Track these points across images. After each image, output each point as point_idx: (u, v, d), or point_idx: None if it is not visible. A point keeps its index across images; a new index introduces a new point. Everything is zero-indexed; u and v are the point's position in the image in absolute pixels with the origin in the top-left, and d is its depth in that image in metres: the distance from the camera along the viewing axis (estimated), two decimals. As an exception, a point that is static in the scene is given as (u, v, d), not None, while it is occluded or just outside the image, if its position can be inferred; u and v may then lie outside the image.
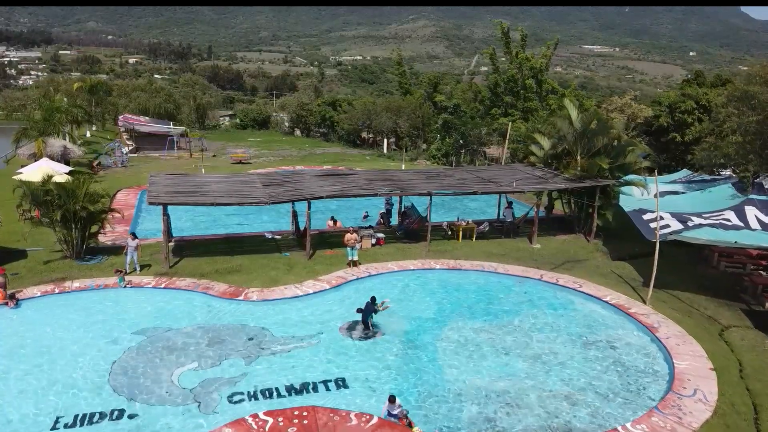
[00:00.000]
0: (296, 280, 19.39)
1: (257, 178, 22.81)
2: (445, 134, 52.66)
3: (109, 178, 38.19)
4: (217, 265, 20.67)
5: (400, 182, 23.36)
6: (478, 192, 22.67)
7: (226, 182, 22.15)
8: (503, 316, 17.51)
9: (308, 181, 22.70)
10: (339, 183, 22.55)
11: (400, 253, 22.62)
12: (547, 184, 23.89)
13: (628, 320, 17.25)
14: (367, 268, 20.57)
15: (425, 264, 21.23)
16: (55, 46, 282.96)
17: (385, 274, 20.26)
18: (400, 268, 20.78)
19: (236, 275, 19.79)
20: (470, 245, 23.98)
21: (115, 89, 75.87)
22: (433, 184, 23.22)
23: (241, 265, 20.66)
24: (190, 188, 20.97)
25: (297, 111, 71.06)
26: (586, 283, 19.90)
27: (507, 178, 24.69)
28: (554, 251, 23.77)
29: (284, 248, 22.87)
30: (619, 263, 22.72)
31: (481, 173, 25.57)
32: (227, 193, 20.81)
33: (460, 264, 21.35)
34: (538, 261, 22.41)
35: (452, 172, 25.42)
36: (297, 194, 20.98)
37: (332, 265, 20.96)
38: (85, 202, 19.68)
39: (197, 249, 22.50)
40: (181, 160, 48.13)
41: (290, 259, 21.52)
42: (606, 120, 25.26)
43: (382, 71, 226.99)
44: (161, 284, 18.62)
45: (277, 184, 21.99)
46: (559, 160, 25.82)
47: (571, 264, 22.25)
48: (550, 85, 54.80)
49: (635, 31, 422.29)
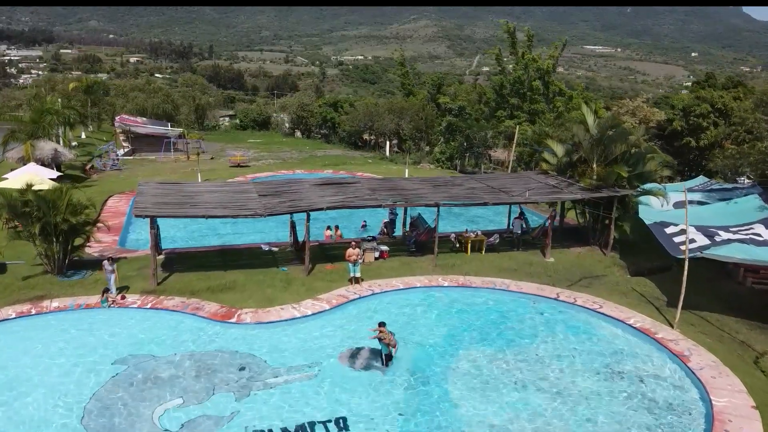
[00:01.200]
0: (294, 299, 17.97)
1: (253, 187, 21.36)
2: (449, 137, 51.25)
3: (101, 182, 36.75)
4: (209, 281, 19.25)
5: (405, 192, 21.93)
6: (489, 203, 21.22)
7: (220, 192, 20.71)
8: (518, 342, 16.08)
9: (307, 190, 21.27)
10: (340, 193, 21.13)
11: (406, 268, 21.19)
12: (562, 194, 22.44)
13: (655, 347, 15.81)
14: (370, 286, 19.14)
15: (433, 281, 19.80)
16: (56, 45, 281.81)
17: (389, 293, 18.83)
18: (406, 285, 19.34)
19: (229, 293, 18.38)
20: (480, 259, 22.55)
21: (112, 89, 74.48)
22: (440, 193, 21.79)
23: (235, 282, 19.24)
24: (180, 199, 19.55)
25: (297, 112, 69.51)
26: (606, 303, 18.45)
27: (519, 187, 23.26)
28: (569, 265, 22.34)
29: (282, 262, 21.46)
30: (639, 279, 21.28)
31: (491, 182, 24.12)
32: (220, 204, 19.39)
33: (469, 281, 19.92)
34: (552, 277, 20.97)
35: (460, 181, 23.95)
36: (295, 205, 19.56)
37: (332, 282, 19.54)
38: (66, 214, 18.25)
39: (189, 263, 21.09)
40: (178, 162, 46.66)
41: (288, 275, 20.10)
42: (624, 125, 23.77)
43: (383, 71, 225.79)
44: (147, 304, 17.20)
45: (274, 194, 20.56)
46: (573, 168, 24.38)
47: (588, 280, 20.81)
48: (557, 87, 53.32)
49: (637, 31, 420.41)
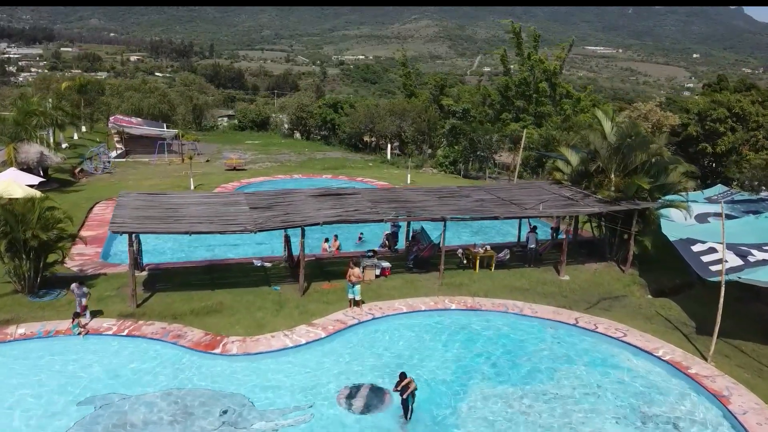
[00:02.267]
0: (286, 325, 16.30)
1: (244, 198, 19.67)
2: (453, 140, 49.60)
3: (89, 187, 35.09)
4: (194, 302, 17.57)
5: (408, 204, 20.25)
6: (499, 217, 19.54)
7: (207, 204, 19.03)
8: (536, 378, 14.41)
9: (302, 202, 19.59)
10: (338, 205, 19.45)
11: (409, 287, 19.51)
12: (579, 208, 20.75)
13: (689, 385, 14.15)
14: (370, 309, 17.46)
15: (439, 303, 18.11)
16: (57, 43, 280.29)
17: (391, 317, 17.14)
18: (410, 308, 17.66)
19: (216, 317, 16.71)
20: (489, 276, 20.87)
21: (107, 88, 72.70)
22: (447, 206, 20.11)
23: (223, 304, 17.57)
24: (163, 212, 17.88)
25: (297, 113, 67.76)
26: (630, 330, 16.78)
27: (531, 198, 21.59)
28: (586, 284, 20.67)
29: (274, 279, 19.79)
30: (662, 301, 19.59)
31: (501, 192, 22.44)
32: (207, 218, 17.73)
33: (479, 303, 18.24)
34: (568, 298, 19.30)
35: (468, 192, 22.27)
36: (289, 220, 17.88)
37: (329, 304, 17.86)
38: (37, 229, 16.57)
39: (173, 280, 19.41)
40: (172, 165, 45.00)
41: (280, 295, 18.42)
42: (643, 131, 22.09)
43: (384, 71, 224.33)
44: (124, 330, 15.53)
45: (266, 206, 18.88)
46: (589, 178, 22.71)
47: (607, 302, 19.13)
48: (564, 89, 51.65)
49: (638, 32, 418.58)
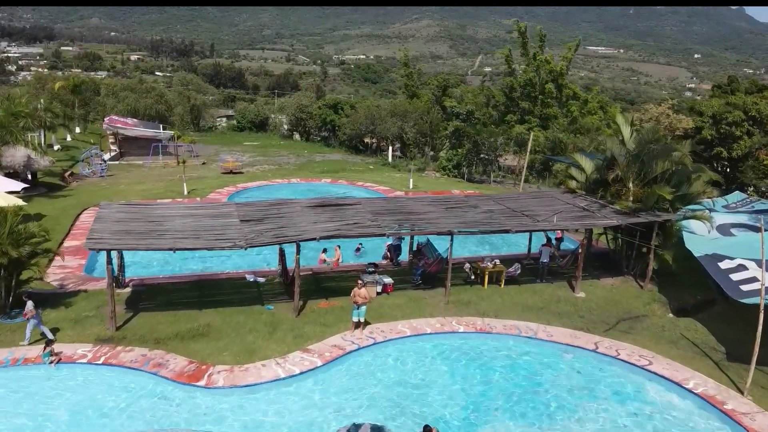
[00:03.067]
0: (279, 351, 14.87)
1: (235, 210, 18.22)
2: (456, 142, 48.16)
3: (79, 191, 33.65)
4: (179, 324, 16.16)
5: (412, 216, 18.81)
6: (511, 230, 18.08)
7: (194, 216, 17.60)
8: (554, 413, 12.97)
9: (298, 214, 18.15)
10: (336, 218, 18.02)
11: (413, 306, 18.08)
12: (596, 220, 19.28)
13: (726, 424, 12.69)
14: (371, 332, 16.01)
15: (446, 325, 16.66)
16: (57, 42, 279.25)
17: (394, 341, 15.70)
18: (414, 331, 16.20)
19: (202, 341, 15.28)
20: (499, 293, 19.43)
21: (103, 88, 71.28)
22: (454, 219, 18.66)
23: (210, 326, 16.14)
24: (145, 226, 16.44)
25: (296, 113, 66.33)
26: (655, 357, 15.32)
27: (543, 209, 20.14)
28: (602, 302, 19.23)
29: (268, 297, 18.38)
30: (686, 321, 18.14)
31: (511, 202, 20.99)
32: (193, 232, 16.29)
33: (489, 325, 16.78)
34: (585, 318, 17.86)
35: (475, 201, 20.82)
36: (282, 234, 16.44)
37: (326, 326, 16.43)
38: (6, 246, 15.16)
39: (158, 298, 18.00)
40: (167, 168, 43.58)
41: (273, 315, 16.99)
42: (664, 137, 20.63)
43: (385, 71, 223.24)
44: (100, 358, 14.10)
45: (258, 219, 17.43)
46: (605, 187, 21.26)
47: (628, 323, 17.68)
48: (571, 90, 50.19)
49: (639, 32, 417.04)
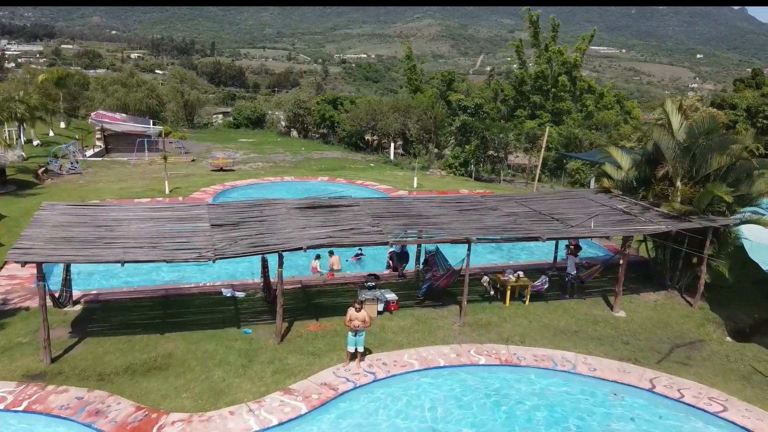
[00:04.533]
0: (254, 392, 11.72)
1: (206, 212, 15.07)
2: (462, 138, 45.01)
3: (51, 190, 30.59)
4: (133, 353, 13.04)
5: (421, 219, 15.66)
6: (541, 238, 14.90)
7: (156, 219, 14.44)
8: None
9: (283, 217, 14.99)
10: (330, 222, 14.87)
11: (421, 329, 14.93)
12: (642, 225, 16.08)
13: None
14: (370, 365, 12.86)
15: (462, 354, 13.50)
16: (58, 40, 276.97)
17: (400, 378, 12.52)
18: (424, 364, 13.02)
19: (159, 377, 12.15)
20: (524, 312, 16.27)
21: (93, 82, 68.21)
22: (471, 223, 15.50)
23: (172, 356, 13.02)
24: (91, 232, 13.30)
25: (294, 109, 63.14)
26: (729, 399, 12.13)
27: (575, 212, 16.98)
28: (648, 323, 16.07)
29: (246, 317, 15.24)
30: (752, 349, 14.93)
31: (535, 203, 17.82)
32: (151, 240, 13.15)
33: (516, 355, 13.61)
34: (631, 345, 14.70)
35: (494, 203, 17.63)
36: (260, 243, 13.30)
37: (315, 356, 13.29)
38: None
39: (114, 318, 14.87)
40: (153, 165, 40.56)
41: (251, 342, 13.86)
42: (720, 126, 17.49)
43: (386, 70, 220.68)
44: (22, 402, 10.94)
45: (234, 223, 14.29)
46: (646, 186, 18.10)
47: (683, 351, 14.52)
48: (586, 83, 47.05)
49: (641, 32, 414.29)
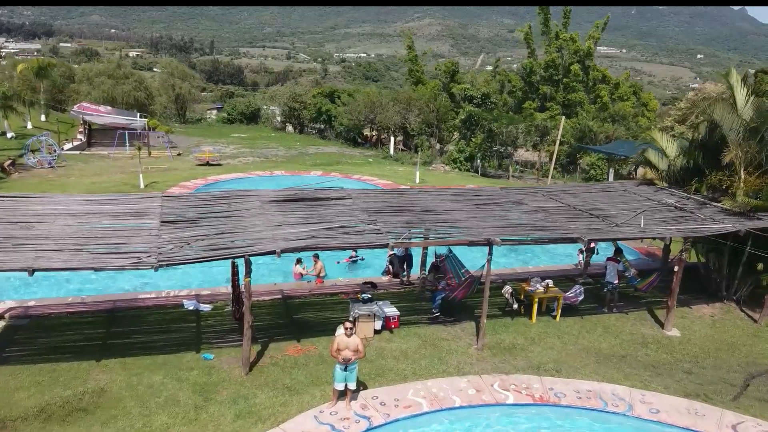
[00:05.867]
0: (205, 445, 8.69)
1: (159, 205, 11.96)
2: (467, 132, 42.03)
3: (17, 184, 27.67)
4: (54, 389, 9.97)
5: (428, 215, 12.58)
6: (582, 239, 11.81)
7: (92, 213, 11.34)
8: None
9: (255, 213, 11.89)
10: (313, 218, 11.78)
11: (429, 353, 11.85)
12: (701, 224, 12.99)
13: None
14: (364, 405, 9.78)
15: (483, 390, 10.41)
16: (56, 38, 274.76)
17: (403, 423, 9.44)
18: (435, 405, 9.93)
19: (80, 425, 9.06)
20: (555, 331, 13.19)
21: (78, 73, 65.07)
22: (491, 221, 12.42)
23: (105, 392, 9.95)
24: (4, 230, 10.21)
25: (289, 103, 60.02)
26: None
27: (616, 206, 13.91)
28: (710, 346, 12.99)
29: (209, 338, 12.16)
30: None
31: (566, 197, 14.72)
32: (78, 241, 10.08)
33: (553, 391, 10.52)
34: (694, 375, 11.62)
35: (518, 197, 14.51)
36: (222, 245, 10.21)
37: (293, 392, 10.20)
38: None
39: (43, 338, 11.77)
40: (134, 159, 37.66)
41: (211, 372, 10.78)
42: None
43: (386, 69, 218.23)
44: None
45: (190, 220, 11.21)
46: (699, 177, 15.03)
47: (763, 382, 11.43)
48: (600, 73, 44.03)
49: (642, 33, 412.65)
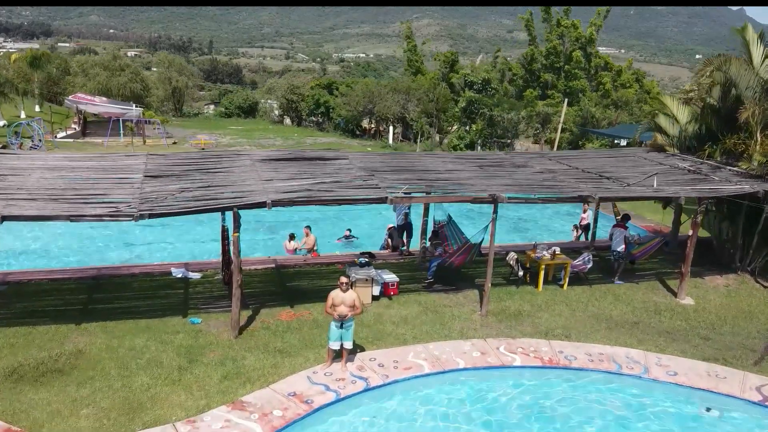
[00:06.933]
0: (188, 407, 7.98)
1: (144, 162, 11.30)
2: (467, 120, 41.39)
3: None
4: (29, 351, 9.28)
5: (430, 174, 11.92)
6: (592, 197, 11.12)
7: (72, 168, 10.66)
8: None
9: (246, 170, 11.23)
10: (307, 175, 11.11)
11: (430, 318, 11.19)
12: (719, 185, 12.31)
13: None
14: (361, 367, 9.12)
15: (488, 352, 9.74)
16: (55, 38, 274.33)
17: (402, 385, 8.78)
18: (437, 366, 9.26)
19: (54, 385, 8.39)
20: (563, 298, 12.52)
21: (74, 65, 64.41)
22: (496, 179, 11.76)
23: (83, 354, 9.28)
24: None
25: (287, 95, 59.42)
26: None
27: (628, 171, 13.26)
28: (726, 314, 12.33)
29: (198, 304, 11.49)
30: None
31: (574, 161, 14.05)
32: (53, 192, 9.41)
33: (563, 354, 9.86)
34: (713, 341, 10.95)
35: (523, 159, 13.86)
36: (209, 197, 9.54)
37: (285, 354, 9.54)
38: None
39: (19, 303, 11.10)
40: (129, 148, 37.08)
41: (198, 335, 10.11)
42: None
43: (385, 68, 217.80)
44: None
45: (175, 175, 10.53)
46: (714, 143, 14.38)
47: (785, 349, 10.80)
48: (602, 60, 43.39)
49: (641, 33, 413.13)
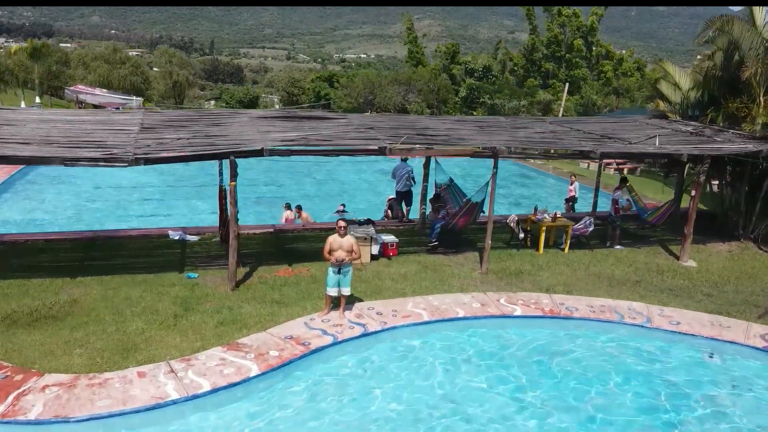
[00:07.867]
0: (183, 347, 7.86)
1: (141, 117, 11.19)
2: (467, 110, 41.43)
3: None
4: (23, 299, 9.17)
5: (429, 131, 11.81)
6: (594, 154, 10.96)
7: (69, 122, 10.56)
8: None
9: (245, 124, 11.13)
10: (306, 129, 11.01)
11: (429, 276, 11.08)
12: (723, 144, 12.18)
13: None
14: (359, 314, 9.01)
15: (488, 304, 9.63)
16: (56, 39, 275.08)
17: (401, 330, 8.66)
18: (436, 315, 9.14)
19: (47, 329, 8.29)
20: (564, 260, 12.41)
21: (75, 58, 64.47)
22: (496, 135, 11.65)
23: (78, 302, 9.17)
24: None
25: (287, 88, 59.54)
26: None
27: (629, 133, 13.13)
28: (729, 275, 12.20)
29: (194, 262, 11.39)
30: None
31: (576, 124, 13.94)
32: (48, 139, 9.30)
33: (565, 306, 9.75)
34: (716, 297, 10.82)
35: (524, 123, 13.77)
36: (205, 144, 9.43)
37: (282, 304, 9.44)
38: None
39: (15, 260, 11.02)
40: (129, 136, 36.88)
41: (194, 288, 10.00)
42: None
43: (386, 69, 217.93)
44: None
45: (173, 128, 10.42)
46: (716, 108, 14.26)
47: (789, 305, 10.67)
48: (603, 48, 43.25)
49: (642, 34, 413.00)
